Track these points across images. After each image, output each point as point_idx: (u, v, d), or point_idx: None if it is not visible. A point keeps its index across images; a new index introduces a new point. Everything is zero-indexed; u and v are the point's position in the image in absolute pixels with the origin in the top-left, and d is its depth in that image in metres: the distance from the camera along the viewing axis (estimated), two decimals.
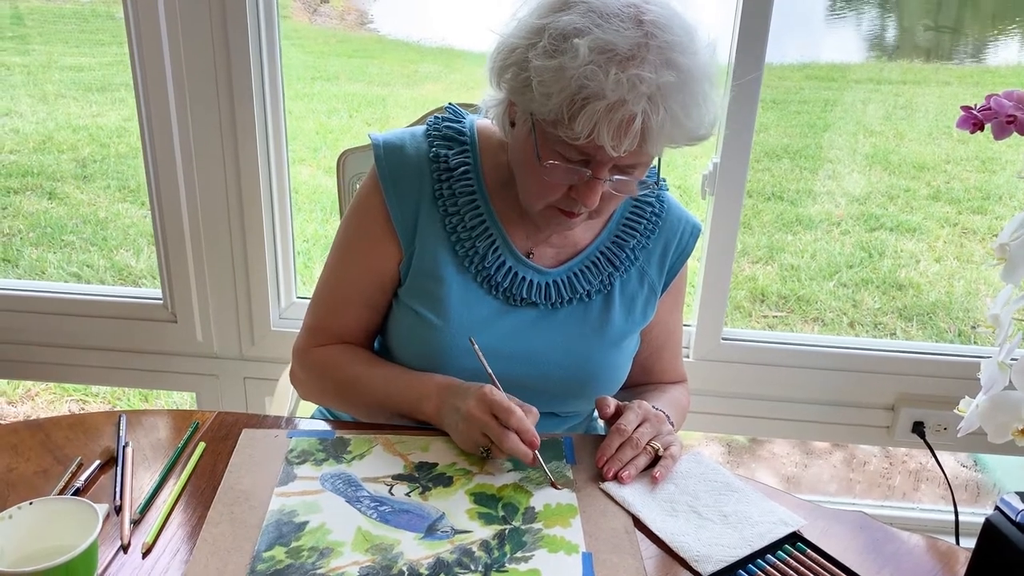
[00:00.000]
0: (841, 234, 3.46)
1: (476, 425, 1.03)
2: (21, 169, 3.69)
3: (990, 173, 3.85)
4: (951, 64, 4.25)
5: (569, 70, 0.95)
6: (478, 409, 1.03)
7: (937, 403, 1.79)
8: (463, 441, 1.06)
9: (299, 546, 0.91)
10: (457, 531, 0.95)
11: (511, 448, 1.01)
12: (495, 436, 1.01)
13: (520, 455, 1.01)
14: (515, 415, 1.01)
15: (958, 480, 2.35)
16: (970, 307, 3.12)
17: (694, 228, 1.24)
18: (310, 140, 4.10)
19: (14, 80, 4.25)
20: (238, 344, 1.90)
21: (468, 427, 1.04)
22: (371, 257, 1.17)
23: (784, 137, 4.03)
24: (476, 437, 1.04)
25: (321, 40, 5.41)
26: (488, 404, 1.03)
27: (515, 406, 1.02)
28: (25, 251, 3.23)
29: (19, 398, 2.59)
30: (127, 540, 0.91)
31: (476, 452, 1.05)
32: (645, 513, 0.99)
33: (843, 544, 0.98)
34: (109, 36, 4.64)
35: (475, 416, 1.03)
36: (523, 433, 1.01)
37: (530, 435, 1.01)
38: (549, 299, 1.16)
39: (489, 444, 1.03)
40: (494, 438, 1.02)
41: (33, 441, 1.06)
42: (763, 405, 1.86)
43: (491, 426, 1.02)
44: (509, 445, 1.00)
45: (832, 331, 3.01)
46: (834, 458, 2.51)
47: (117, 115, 4.08)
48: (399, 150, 1.16)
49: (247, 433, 1.09)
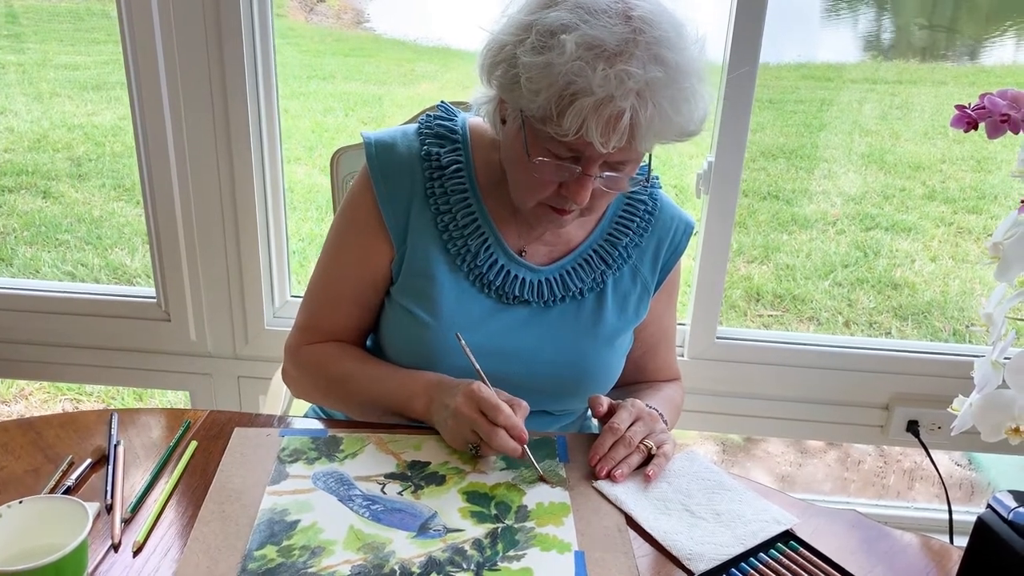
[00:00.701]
0: (836, 233, 3.47)
1: (464, 422, 1.03)
2: (16, 168, 3.68)
3: (985, 173, 3.86)
4: (947, 64, 4.26)
5: (556, 66, 0.95)
6: (466, 406, 1.03)
7: (931, 402, 1.80)
8: (452, 439, 1.06)
9: (291, 545, 0.91)
10: (449, 530, 0.94)
11: (500, 445, 1.00)
12: (483, 433, 1.01)
13: (509, 451, 1.01)
14: (502, 412, 1.01)
15: (952, 479, 2.36)
16: (965, 306, 3.12)
17: (687, 226, 1.24)
18: (306, 139, 4.09)
19: (9, 79, 4.24)
20: (232, 343, 1.90)
21: (457, 424, 1.04)
22: (363, 255, 1.17)
23: (780, 136, 4.04)
24: (465, 434, 1.03)
25: (317, 39, 5.40)
26: (476, 401, 1.03)
27: (502, 403, 1.02)
28: (19, 250, 3.22)
29: (12, 397, 2.58)
30: (118, 539, 0.91)
31: (465, 449, 1.05)
32: (638, 511, 0.99)
33: (836, 543, 0.97)
34: (104, 34, 4.63)
35: (463, 413, 1.03)
36: (511, 429, 1.01)
37: (518, 431, 1.01)
38: (542, 297, 1.16)
39: (478, 441, 1.03)
40: (483, 435, 1.01)
41: (24, 440, 1.06)
42: (758, 404, 1.86)
43: (479, 423, 1.02)
44: (498, 442, 1.00)
45: (827, 330, 3.01)
46: (829, 457, 2.51)
47: (112, 114, 4.07)
48: (391, 148, 1.16)
49: (239, 432, 1.09)
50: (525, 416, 1.04)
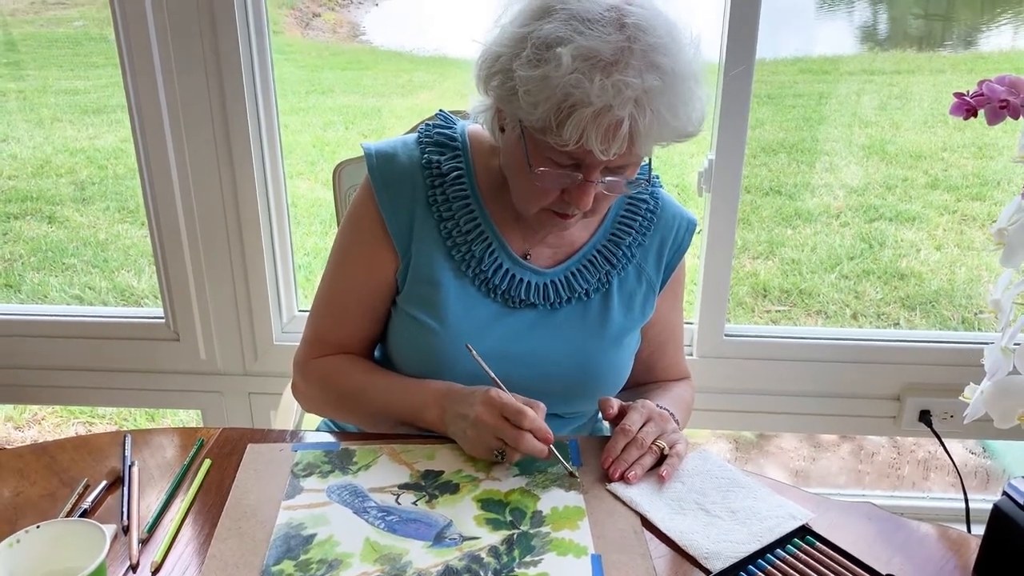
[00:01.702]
0: (840, 226, 3.46)
1: (488, 430, 1.03)
2: (20, 194, 3.70)
3: (987, 159, 3.85)
4: (944, 52, 4.26)
5: (554, 79, 0.95)
6: (488, 414, 1.03)
7: (943, 391, 1.79)
8: (473, 447, 1.06)
9: (308, 559, 0.91)
10: (465, 538, 0.94)
11: (528, 448, 1.01)
12: (510, 439, 1.01)
13: (536, 453, 1.02)
14: (527, 415, 1.01)
15: (967, 467, 2.34)
16: (972, 294, 3.11)
17: (689, 223, 1.24)
18: (307, 153, 4.11)
19: (10, 106, 4.27)
20: (241, 360, 1.90)
21: (479, 433, 1.04)
22: (368, 266, 1.18)
23: (780, 132, 4.03)
24: (489, 442, 1.03)
25: (314, 54, 5.42)
26: (498, 407, 1.03)
27: (526, 408, 1.03)
28: (27, 276, 3.24)
29: (26, 423, 2.59)
30: (136, 559, 0.91)
31: (490, 456, 1.05)
32: (653, 513, 0.99)
33: (853, 535, 0.97)
34: (103, 58, 4.65)
35: (485, 421, 1.03)
36: (537, 431, 1.02)
37: (543, 432, 1.02)
38: (548, 300, 1.16)
39: (504, 447, 1.03)
40: (509, 441, 1.02)
41: (38, 464, 1.06)
42: (768, 400, 1.85)
43: (504, 429, 1.02)
44: (526, 445, 1.01)
45: (835, 323, 3.01)
46: (842, 450, 2.51)
47: (114, 136, 4.09)
48: (391, 158, 1.16)
49: (252, 448, 1.09)
50: (544, 416, 1.05)
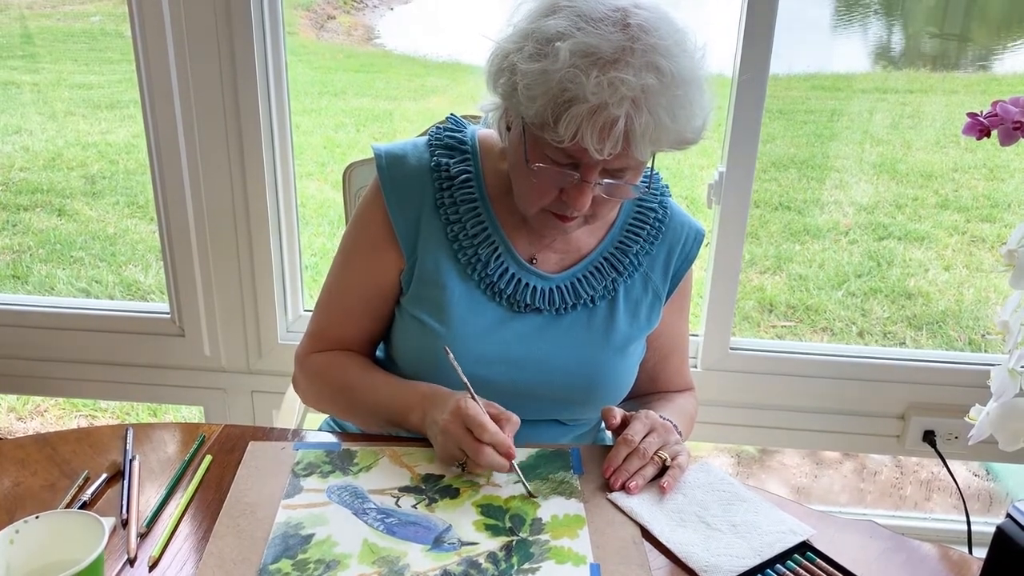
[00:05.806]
0: (849, 243, 3.45)
1: (452, 439, 1.02)
2: (31, 186, 3.71)
3: (998, 181, 3.84)
4: (957, 73, 4.25)
5: (551, 73, 0.96)
6: (453, 424, 1.02)
7: (948, 411, 1.78)
8: (441, 454, 1.05)
9: (305, 559, 0.91)
10: (464, 543, 0.94)
11: (486, 462, 0.99)
12: (470, 451, 1.00)
13: (497, 467, 1.00)
14: (487, 430, 1.00)
15: (970, 489, 2.33)
16: (980, 315, 3.10)
17: (698, 233, 1.24)
18: (318, 154, 4.12)
19: (24, 98, 4.29)
20: (245, 358, 1.90)
21: (445, 440, 1.03)
22: (373, 265, 1.18)
23: (791, 147, 4.03)
24: (452, 451, 1.03)
25: (328, 56, 5.44)
26: (462, 418, 1.02)
27: (488, 420, 1.01)
28: (35, 267, 3.25)
29: (28, 414, 2.59)
30: (134, 553, 0.91)
31: (453, 465, 1.05)
32: (653, 523, 0.98)
33: (853, 553, 0.97)
34: (118, 54, 4.67)
35: (450, 431, 1.02)
36: (498, 446, 1.00)
37: (505, 447, 1.00)
38: (553, 305, 1.16)
39: (465, 458, 1.02)
40: (469, 453, 1.00)
41: (40, 455, 1.07)
42: (772, 415, 1.85)
43: (465, 441, 1.01)
44: (484, 459, 0.99)
45: (841, 340, 3.00)
46: (844, 468, 2.49)
47: (126, 132, 4.11)
48: (401, 160, 1.17)
49: (253, 446, 1.09)
50: (515, 430, 1.03)
